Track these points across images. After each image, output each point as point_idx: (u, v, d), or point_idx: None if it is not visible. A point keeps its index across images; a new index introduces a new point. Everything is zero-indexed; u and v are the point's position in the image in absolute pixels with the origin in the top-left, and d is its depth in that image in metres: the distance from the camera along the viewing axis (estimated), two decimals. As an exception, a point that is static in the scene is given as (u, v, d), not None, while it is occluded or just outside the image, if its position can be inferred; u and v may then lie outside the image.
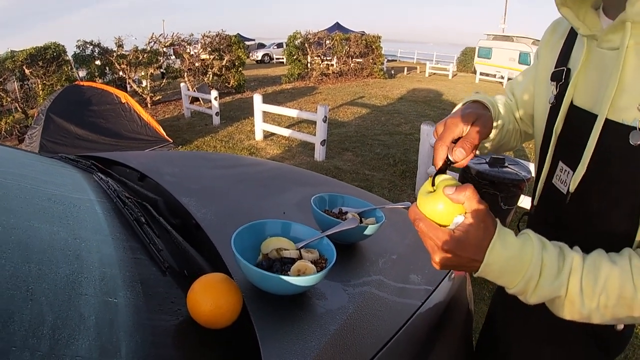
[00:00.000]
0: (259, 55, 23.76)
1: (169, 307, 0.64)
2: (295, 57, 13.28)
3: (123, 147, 5.37)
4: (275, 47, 24.17)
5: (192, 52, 10.62)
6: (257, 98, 6.07)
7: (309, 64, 13.52)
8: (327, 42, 13.57)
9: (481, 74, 15.80)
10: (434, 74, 17.12)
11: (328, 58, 14.09)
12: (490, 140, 0.77)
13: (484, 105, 0.72)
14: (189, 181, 1.19)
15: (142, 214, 0.91)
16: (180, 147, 6.00)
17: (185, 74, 10.06)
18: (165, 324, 0.61)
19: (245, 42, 12.26)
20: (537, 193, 0.76)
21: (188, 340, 0.60)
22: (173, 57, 10.80)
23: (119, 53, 9.31)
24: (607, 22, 0.62)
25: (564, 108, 0.67)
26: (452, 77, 16.54)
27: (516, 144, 0.87)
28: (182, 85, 8.51)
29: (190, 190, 1.09)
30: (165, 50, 10.17)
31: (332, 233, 0.76)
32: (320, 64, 13.52)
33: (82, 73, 9.52)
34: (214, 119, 7.32)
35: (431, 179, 0.58)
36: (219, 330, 0.60)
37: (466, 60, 20.18)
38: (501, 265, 0.53)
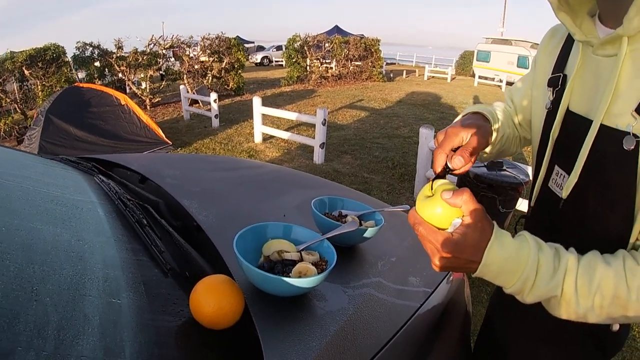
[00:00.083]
0: (258, 57, 23.79)
1: (171, 308, 0.65)
2: (294, 59, 13.32)
3: (122, 149, 5.37)
4: (275, 49, 24.23)
5: (192, 55, 10.63)
6: (257, 101, 6.08)
7: (308, 67, 13.56)
8: (327, 45, 13.62)
9: (480, 77, 15.85)
10: (433, 77, 17.18)
11: (327, 61, 14.13)
12: (491, 146, 0.78)
13: (484, 117, 0.74)
14: (190, 184, 1.20)
15: (144, 216, 0.92)
16: (180, 149, 6.00)
17: (185, 76, 10.07)
18: (168, 325, 0.62)
19: (244, 45, 12.28)
20: (534, 196, 0.78)
21: (191, 341, 0.61)
22: (172, 59, 10.81)
23: (118, 55, 9.33)
24: (602, 29, 0.64)
25: (560, 113, 0.68)
26: (451, 80, 16.58)
27: (516, 150, 0.89)
28: (181, 87, 8.52)
29: (191, 192, 1.10)
30: (164, 52, 10.19)
31: (332, 235, 0.78)
32: (319, 67, 13.56)
33: (82, 74, 9.52)
34: (213, 121, 7.33)
35: (430, 184, 0.59)
36: (221, 331, 0.61)
37: (465, 63, 20.26)
38: (498, 266, 0.54)
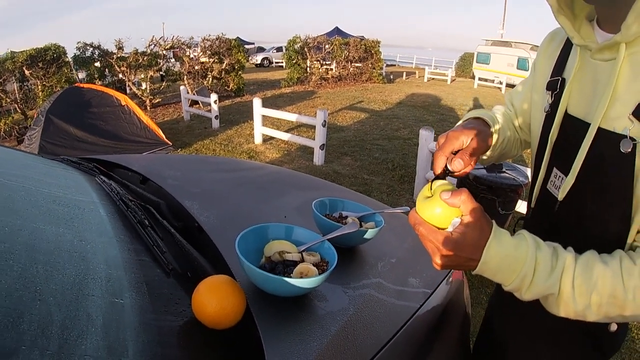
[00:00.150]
0: (258, 59, 23.82)
1: (173, 308, 0.66)
2: (294, 61, 13.33)
3: (122, 149, 5.37)
4: (275, 51, 24.25)
5: (192, 55, 10.65)
6: (257, 102, 6.09)
7: (309, 68, 13.58)
8: (327, 46, 13.64)
9: (480, 79, 15.87)
10: (433, 79, 17.20)
11: (327, 62, 14.16)
12: (492, 151, 0.80)
13: (484, 122, 0.76)
14: (191, 185, 1.20)
15: (146, 216, 0.92)
16: (180, 150, 6.01)
17: (185, 77, 10.08)
18: (171, 325, 0.62)
19: (244, 46, 12.30)
20: (533, 198, 0.79)
21: (193, 341, 0.61)
22: (173, 60, 10.82)
23: (118, 55, 9.33)
24: (600, 33, 0.65)
25: (559, 116, 0.69)
26: (451, 82, 16.60)
27: (516, 153, 0.90)
28: (181, 88, 8.52)
29: (192, 193, 1.11)
30: (165, 53, 10.19)
31: (333, 237, 0.78)
32: (319, 68, 13.57)
33: (82, 75, 9.53)
34: (213, 122, 7.34)
35: (429, 185, 0.60)
36: (223, 330, 0.62)
37: (465, 65, 20.29)
38: (497, 264, 0.56)
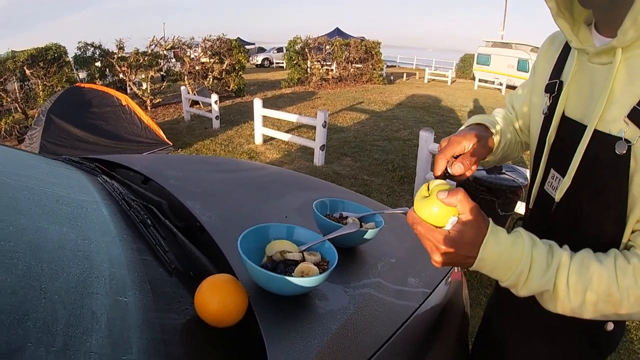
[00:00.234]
0: (258, 59, 23.83)
1: (176, 306, 0.67)
2: (295, 61, 13.34)
3: (123, 149, 5.38)
4: (275, 51, 24.27)
5: (193, 56, 10.66)
6: (257, 102, 6.10)
7: (309, 69, 13.58)
8: (327, 47, 13.65)
9: (480, 80, 15.87)
10: (433, 80, 17.21)
11: (328, 63, 14.16)
12: (493, 155, 0.81)
13: (486, 128, 0.77)
14: (193, 185, 1.21)
15: (148, 216, 0.93)
16: (180, 150, 6.02)
17: (186, 77, 10.09)
18: (174, 323, 0.63)
19: (245, 46, 12.31)
20: (532, 199, 0.80)
21: (196, 338, 0.62)
22: (173, 60, 10.83)
23: (119, 55, 9.34)
24: (598, 37, 0.66)
25: (556, 119, 0.71)
26: (451, 83, 16.61)
27: (518, 154, 0.92)
28: (182, 88, 8.53)
29: (194, 193, 1.12)
30: (165, 53, 10.20)
31: (333, 237, 0.79)
32: (320, 69, 13.58)
33: (83, 75, 9.53)
34: (213, 122, 7.35)
35: (426, 185, 0.61)
36: (225, 328, 0.63)
37: (465, 66, 20.29)
38: (494, 261, 0.57)
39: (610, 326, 0.72)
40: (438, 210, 0.57)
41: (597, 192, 0.63)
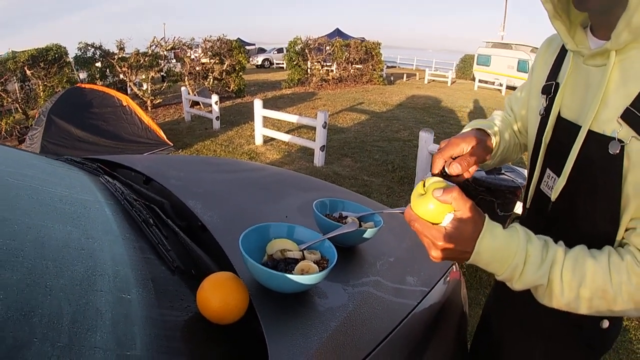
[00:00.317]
0: (259, 60, 23.83)
1: (179, 303, 0.68)
2: (295, 62, 13.35)
3: (123, 149, 5.39)
4: (276, 52, 24.28)
5: (193, 56, 10.67)
6: (258, 103, 6.11)
7: (309, 70, 13.59)
8: (327, 48, 13.65)
9: (480, 81, 15.87)
10: (433, 80, 17.21)
11: (328, 64, 14.16)
12: (492, 157, 0.83)
13: (485, 132, 0.79)
14: (194, 185, 1.22)
15: (150, 215, 0.94)
16: (180, 150, 6.03)
17: (186, 77, 10.10)
18: (176, 320, 0.64)
19: (245, 47, 12.32)
20: (528, 198, 0.81)
21: (198, 335, 0.63)
22: (174, 60, 10.83)
23: (120, 56, 9.35)
24: (593, 40, 0.67)
25: (552, 119, 0.72)
26: (451, 84, 16.61)
27: (517, 156, 0.93)
28: (182, 89, 8.53)
29: (195, 193, 1.13)
30: (166, 54, 10.21)
31: (333, 235, 0.80)
32: (320, 70, 13.58)
33: (83, 75, 9.54)
34: (214, 123, 7.36)
35: (422, 182, 0.63)
36: (226, 325, 0.64)
37: (465, 67, 20.30)
38: (489, 255, 0.59)
39: (605, 324, 0.74)
40: (434, 207, 0.59)
41: (591, 191, 0.64)
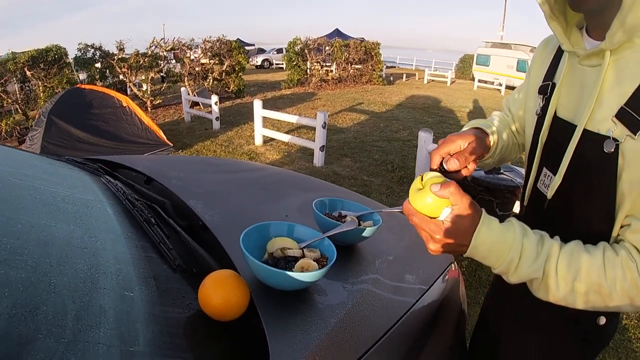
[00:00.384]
0: (258, 60, 23.82)
1: (180, 301, 0.69)
2: (294, 62, 13.35)
3: (123, 150, 5.40)
4: (275, 52, 24.28)
5: (193, 57, 10.67)
6: (257, 103, 6.13)
7: (309, 70, 13.59)
8: (327, 48, 13.66)
9: (479, 81, 15.88)
10: (433, 80, 17.24)
11: (327, 64, 14.17)
12: (491, 157, 0.84)
13: (483, 130, 0.81)
14: (195, 185, 1.23)
15: (152, 215, 0.95)
16: (180, 151, 6.04)
17: (186, 78, 10.11)
18: (178, 316, 0.65)
19: (245, 47, 12.33)
20: (526, 197, 0.83)
21: (200, 331, 0.65)
22: (173, 61, 10.84)
23: (120, 56, 9.36)
24: (589, 41, 0.68)
25: (548, 119, 0.73)
26: (451, 84, 16.63)
27: (516, 156, 0.94)
28: (182, 89, 8.54)
29: (196, 193, 1.14)
30: (165, 54, 10.22)
31: (332, 234, 0.81)
32: (319, 70, 13.60)
33: (83, 76, 9.55)
34: (213, 123, 7.37)
35: (420, 177, 0.64)
36: (228, 322, 0.65)
37: (464, 67, 20.32)
38: (486, 248, 0.60)
39: (602, 320, 0.75)
40: (432, 201, 0.60)
41: (587, 189, 0.65)
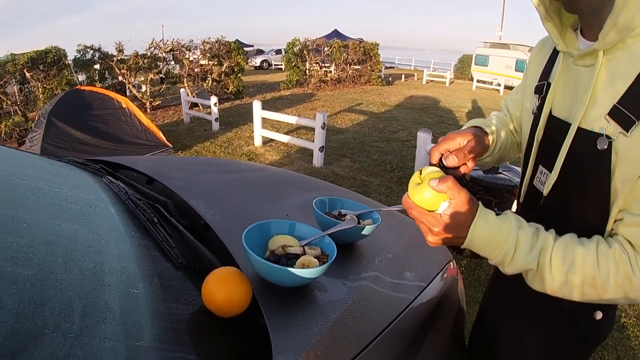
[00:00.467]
0: (257, 61, 23.82)
1: (184, 298, 0.70)
2: (293, 63, 13.37)
3: (123, 151, 5.41)
4: (274, 53, 24.29)
5: (192, 58, 10.68)
6: (257, 104, 6.14)
7: (308, 71, 13.61)
8: (326, 49, 13.68)
9: (478, 81, 15.91)
10: (431, 81, 17.26)
11: (326, 65, 14.19)
12: (490, 155, 0.86)
13: (482, 129, 0.83)
14: (196, 185, 1.24)
15: (154, 214, 0.96)
16: (180, 152, 6.04)
17: (185, 79, 10.12)
18: (182, 313, 0.67)
19: (244, 48, 12.34)
20: (522, 194, 0.84)
21: (204, 327, 0.66)
22: (173, 62, 10.84)
23: (119, 58, 9.36)
24: (583, 42, 0.70)
25: (544, 117, 0.75)
26: (449, 84, 16.66)
27: (514, 155, 0.96)
28: (181, 90, 8.55)
29: (197, 193, 1.15)
30: (164, 55, 10.22)
31: (332, 232, 0.83)
32: (318, 71, 13.61)
33: (82, 77, 9.55)
34: (213, 124, 7.38)
35: (418, 172, 0.66)
36: (231, 318, 0.66)
37: (463, 67, 20.35)
38: (482, 240, 0.62)
39: (598, 315, 0.76)
40: (430, 196, 0.62)
41: (581, 185, 0.67)
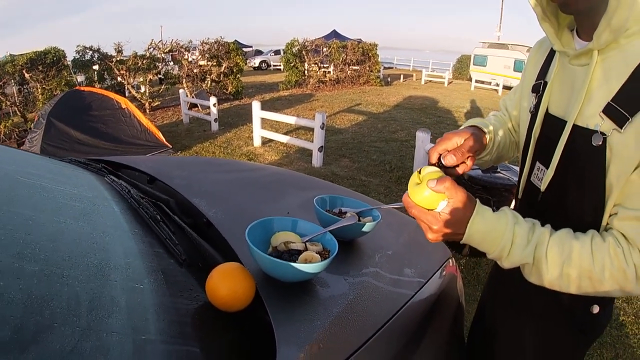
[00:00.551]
0: (256, 62, 23.82)
1: (188, 293, 0.72)
2: (292, 64, 13.38)
3: (122, 152, 5.41)
4: (273, 54, 24.29)
5: (191, 59, 10.69)
6: (256, 105, 6.15)
7: (306, 71, 13.62)
8: (325, 49, 13.70)
9: (476, 81, 15.93)
10: (430, 81, 17.28)
11: (325, 65, 14.20)
12: (489, 154, 0.88)
13: (479, 128, 0.84)
14: (198, 184, 1.26)
15: (157, 212, 0.98)
16: (179, 152, 6.05)
17: (184, 80, 10.13)
18: (187, 308, 0.68)
19: (243, 49, 12.35)
20: (520, 190, 0.86)
21: (208, 322, 0.67)
22: (172, 63, 10.84)
23: (118, 58, 9.37)
24: (578, 42, 0.72)
25: (540, 115, 0.77)
26: (448, 84, 16.69)
27: (513, 154, 0.98)
28: (180, 91, 8.56)
29: (199, 192, 1.16)
30: (164, 56, 10.23)
31: (333, 228, 0.84)
32: (317, 71, 13.62)
33: (81, 78, 9.55)
34: (212, 125, 7.38)
35: (418, 172, 0.68)
36: (234, 312, 0.67)
37: (462, 67, 20.38)
38: (480, 236, 0.64)
39: (595, 309, 0.78)
40: (429, 195, 0.64)
41: (577, 181, 0.69)
